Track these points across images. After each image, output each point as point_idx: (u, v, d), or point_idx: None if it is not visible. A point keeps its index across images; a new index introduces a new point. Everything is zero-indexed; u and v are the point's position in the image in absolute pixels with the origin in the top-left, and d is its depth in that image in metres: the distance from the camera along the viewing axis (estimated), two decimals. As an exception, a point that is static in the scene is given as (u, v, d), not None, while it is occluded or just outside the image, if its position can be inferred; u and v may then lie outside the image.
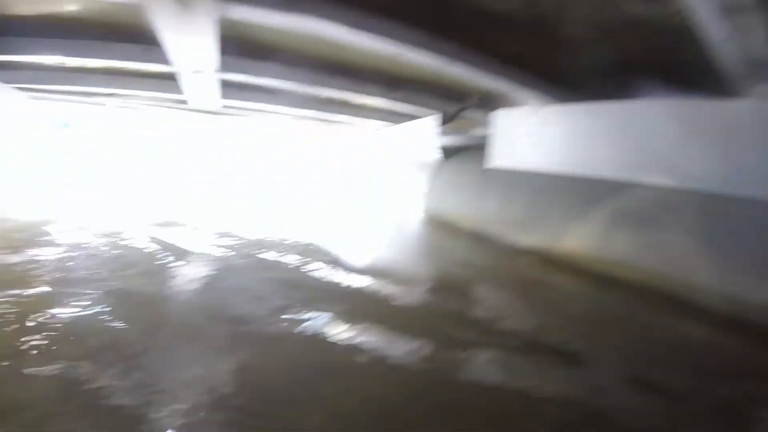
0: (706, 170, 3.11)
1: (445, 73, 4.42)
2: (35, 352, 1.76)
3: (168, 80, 4.95)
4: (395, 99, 5.57)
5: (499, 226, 4.66)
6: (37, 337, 1.87)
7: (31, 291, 2.40)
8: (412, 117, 6.84)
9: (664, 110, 3.48)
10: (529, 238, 4.23)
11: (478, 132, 6.83)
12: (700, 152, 3.16)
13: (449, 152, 6.51)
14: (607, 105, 3.97)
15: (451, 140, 6.66)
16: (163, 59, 3.85)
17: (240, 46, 3.96)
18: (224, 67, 4.06)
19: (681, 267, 3.04)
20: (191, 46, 3.51)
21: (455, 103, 5.88)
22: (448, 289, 3.36)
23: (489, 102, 5.60)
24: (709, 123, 3.17)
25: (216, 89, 4.41)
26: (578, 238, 3.81)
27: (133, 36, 3.76)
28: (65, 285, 2.58)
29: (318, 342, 2.12)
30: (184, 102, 5.86)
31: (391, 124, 7.93)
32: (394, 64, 4.39)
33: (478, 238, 4.86)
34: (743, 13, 2.17)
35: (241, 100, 5.79)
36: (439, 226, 5.86)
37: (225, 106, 5.99)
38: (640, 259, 3.28)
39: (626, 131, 3.76)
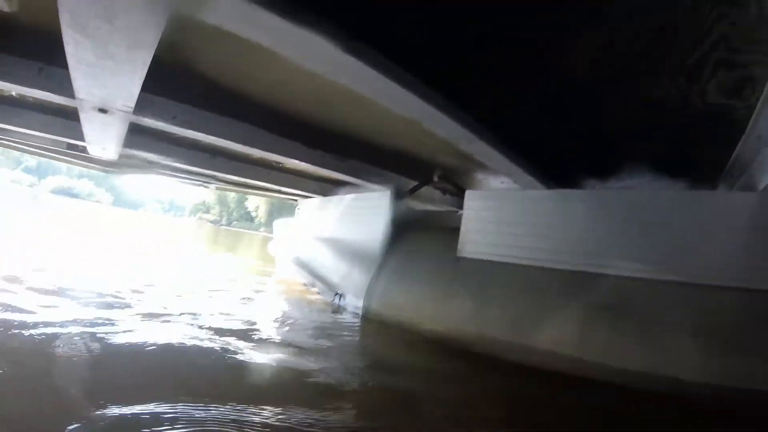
0: (685, 260, 3.38)
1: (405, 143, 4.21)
2: None
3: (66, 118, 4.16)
4: (342, 170, 5.13)
5: (475, 331, 4.14)
6: None
7: None
8: (359, 188, 6.30)
9: (653, 199, 3.67)
10: (513, 350, 3.83)
11: (440, 213, 6.56)
12: (672, 242, 3.46)
13: (404, 236, 5.80)
14: (589, 192, 4.06)
15: (406, 219, 6.26)
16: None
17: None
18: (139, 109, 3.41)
19: (673, 364, 3.14)
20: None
21: (413, 178, 5.55)
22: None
23: (453, 179, 5.41)
24: (690, 214, 3.45)
25: (122, 133, 3.68)
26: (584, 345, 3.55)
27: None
28: None
29: None
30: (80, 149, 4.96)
31: (332, 195, 7.45)
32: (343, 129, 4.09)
33: (445, 348, 4.19)
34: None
35: (148, 151, 5.06)
36: (384, 327, 4.91)
37: (126, 156, 5.16)
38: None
39: (604, 219, 3.85)
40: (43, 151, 6.58)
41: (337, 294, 6.01)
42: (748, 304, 3.09)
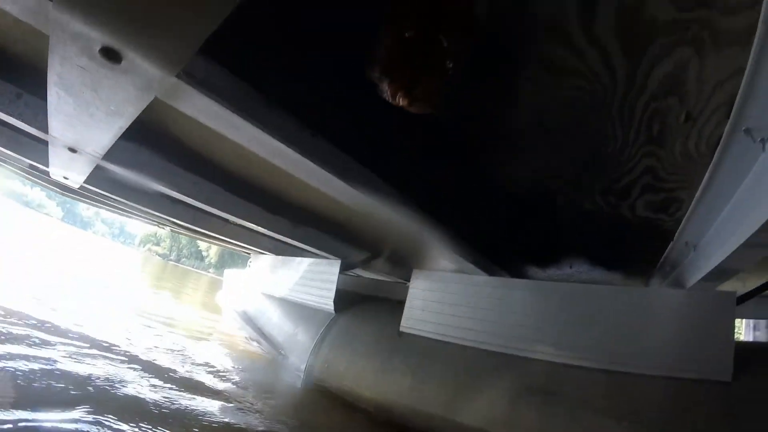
0: (615, 349, 3.58)
1: (357, 221, 4.43)
2: None
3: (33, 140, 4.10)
4: (296, 237, 5.26)
5: (412, 405, 4.20)
6: None
7: None
8: (308, 254, 6.47)
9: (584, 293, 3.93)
10: (447, 427, 3.90)
11: (388, 283, 6.71)
12: (602, 332, 3.68)
13: (350, 304, 5.96)
14: (528, 282, 4.32)
15: (354, 289, 6.38)
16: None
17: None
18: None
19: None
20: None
21: (364, 250, 5.73)
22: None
23: (400, 258, 5.61)
24: (621, 307, 3.70)
25: (87, 171, 3.76)
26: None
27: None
28: None
29: None
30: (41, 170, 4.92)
31: (285, 255, 7.52)
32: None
33: (382, 420, 4.23)
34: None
35: (108, 190, 5.08)
36: (324, 392, 4.91)
37: (86, 189, 5.16)
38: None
39: (541, 307, 4.09)
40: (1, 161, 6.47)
41: (280, 353, 5.99)
42: (672, 393, 3.25)
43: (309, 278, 6.58)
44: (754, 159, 1.94)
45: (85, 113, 2.14)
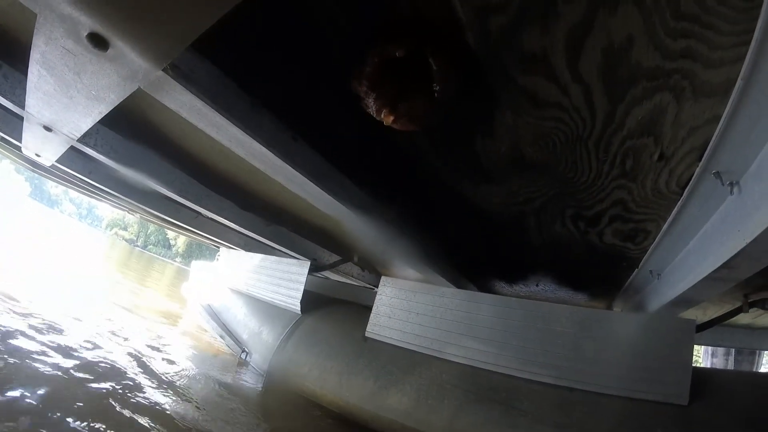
0: (571, 367, 3.71)
1: (330, 225, 4.43)
2: None
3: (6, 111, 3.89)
4: (267, 235, 5.21)
5: (373, 411, 4.19)
6: None
7: None
8: (278, 252, 6.40)
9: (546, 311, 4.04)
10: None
11: (356, 288, 6.69)
12: (565, 350, 3.80)
13: (317, 305, 5.91)
14: (496, 297, 4.39)
15: (321, 291, 6.35)
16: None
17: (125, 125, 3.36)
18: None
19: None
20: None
21: (335, 253, 5.70)
22: None
23: (369, 264, 5.63)
24: (583, 327, 3.82)
25: (61, 151, 3.64)
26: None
27: None
28: None
29: None
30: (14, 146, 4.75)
31: (255, 252, 7.44)
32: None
33: (344, 423, 4.21)
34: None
35: (80, 172, 4.93)
36: (286, 393, 4.84)
37: (57, 168, 4.99)
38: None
39: (506, 323, 4.16)
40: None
41: (244, 351, 5.90)
42: (630, 413, 3.36)
43: (277, 277, 6.52)
44: (721, 200, 2.04)
45: (65, 95, 2.07)
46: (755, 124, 1.54)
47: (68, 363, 3.80)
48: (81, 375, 3.63)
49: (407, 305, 4.83)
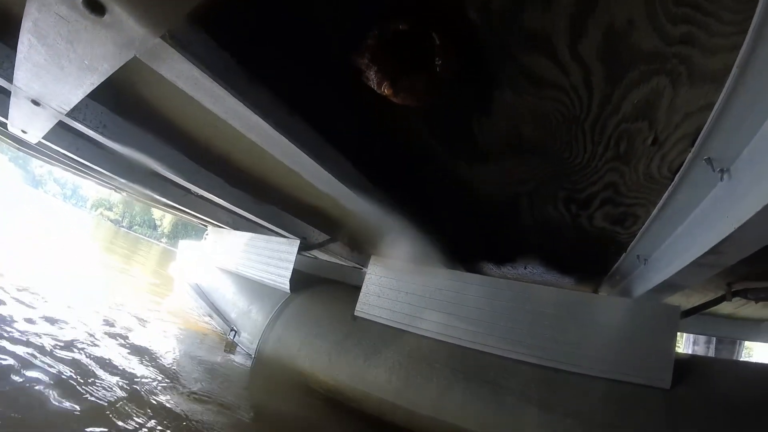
0: (557, 349, 3.80)
1: (324, 204, 4.41)
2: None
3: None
4: (257, 213, 5.18)
5: (363, 389, 4.22)
6: None
7: None
8: (268, 231, 6.36)
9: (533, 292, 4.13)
10: (396, 412, 3.97)
11: (345, 267, 6.68)
12: (552, 332, 3.88)
13: (306, 284, 5.89)
14: (485, 278, 4.43)
15: (310, 270, 6.35)
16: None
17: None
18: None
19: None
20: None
21: (324, 232, 5.68)
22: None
23: (360, 242, 5.61)
24: (570, 310, 3.90)
25: (48, 127, 3.55)
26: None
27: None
28: None
29: None
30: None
31: (244, 231, 7.39)
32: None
33: (334, 402, 4.23)
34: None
35: (68, 148, 4.81)
36: (276, 372, 4.84)
37: (44, 145, 4.87)
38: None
39: (495, 304, 4.22)
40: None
41: (232, 330, 5.89)
42: (615, 394, 3.46)
43: (267, 256, 6.50)
44: (711, 186, 2.08)
45: (56, 65, 2.02)
46: (748, 111, 1.57)
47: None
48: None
49: (396, 285, 4.85)
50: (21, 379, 2.91)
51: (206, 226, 9.57)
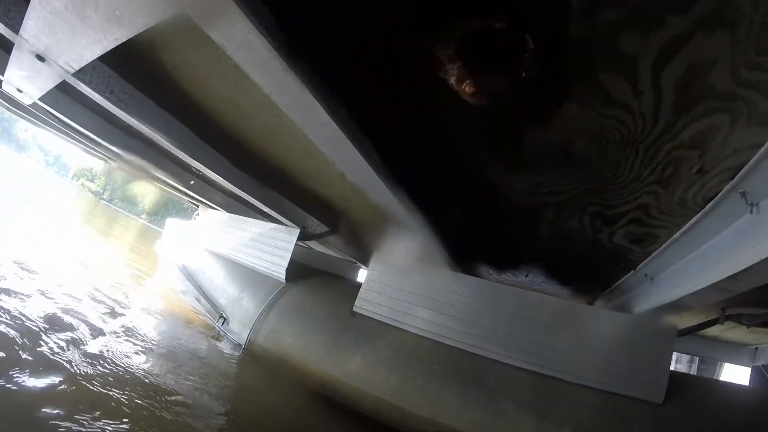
0: (556, 358, 3.83)
1: (332, 194, 4.21)
2: None
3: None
4: (259, 197, 4.91)
5: (360, 387, 4.10)
6: None
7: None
8: (266, 217, 6.02)
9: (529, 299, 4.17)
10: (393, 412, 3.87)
11: (340, 260, 6.49)
12: (552, 341, 3.91)
13: (300, 275, 5.64)
14: (489, 283, 4.44)
15: (303, 261, 6.10)
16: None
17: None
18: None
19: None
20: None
21: (323, 223, 5.48)
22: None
23: (359, 238, 5.42)
24: (570, 321, 3.96)
25: (49, 87, 3.26)
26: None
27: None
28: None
29: None
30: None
31: (238, 214, 7.09)
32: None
33: (330, 400, 4.07)
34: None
35: (64, 113, 4.47)
36: (268, 364, 4.61)
37: (38, 107, 4.50)
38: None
39: (496, 309, 4.20)
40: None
41: (221, 317, 5.62)
42: (609, 406, 3.55)
43: (262, 242, 6.20)
44: (736, 217, 2.18)
45: (77, 14, 1.76)
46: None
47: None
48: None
49: (398, 283, 4.70)
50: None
51: (197, 206, 9.22)
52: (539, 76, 1.76)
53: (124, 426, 2.51)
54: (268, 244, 6.00)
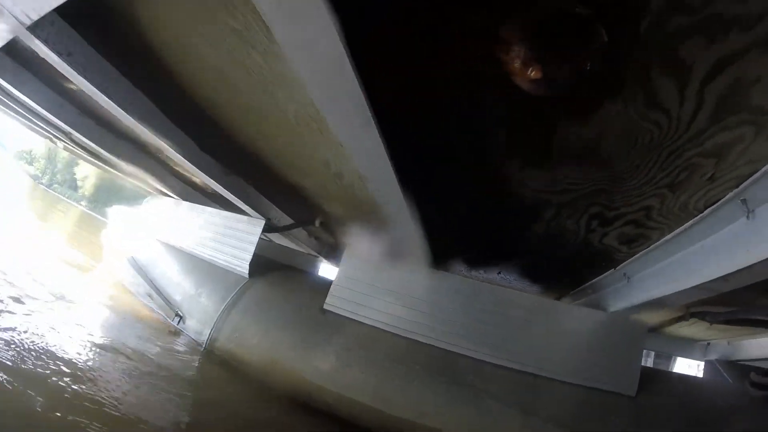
0: (533, 354, 3.96)
1: (309, 182, 3.92)
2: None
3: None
4: (223, 183, 4.44)
5: (335, 390, 3.90)
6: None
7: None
8: (229, 206, 5.48)
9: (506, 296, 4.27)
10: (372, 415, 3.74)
11: (304, 255, 6.16)
12: (528, 337, 4.03)
13: (264, 270, 5.24)
14: (465, 281, 4.40)
15: (266, 254, 5.63)
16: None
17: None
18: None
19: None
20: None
21: (290, 215, 5.10)
22: None
23: (332, 229, 5.14)
24: (547, 317, 4.12)
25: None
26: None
27: None
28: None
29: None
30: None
31: (195, 202, 6.56)
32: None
33: (303, 404, 3.82)
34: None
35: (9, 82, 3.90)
36: (231, 367, 4.22)
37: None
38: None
39: (474, 307, 4.23)
40: None
41: (177, 315, 5.16)
42: (586, 400, 3.72)
43: (222, 234, 5.66)
44: (730, 222, 2.32)
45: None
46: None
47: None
48: None
49: (372, 280, 4.49)
50: None
51: (150, 191, 8.55)
52: (599, 70, 1.69)
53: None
54: (228, 235, 5.50)
